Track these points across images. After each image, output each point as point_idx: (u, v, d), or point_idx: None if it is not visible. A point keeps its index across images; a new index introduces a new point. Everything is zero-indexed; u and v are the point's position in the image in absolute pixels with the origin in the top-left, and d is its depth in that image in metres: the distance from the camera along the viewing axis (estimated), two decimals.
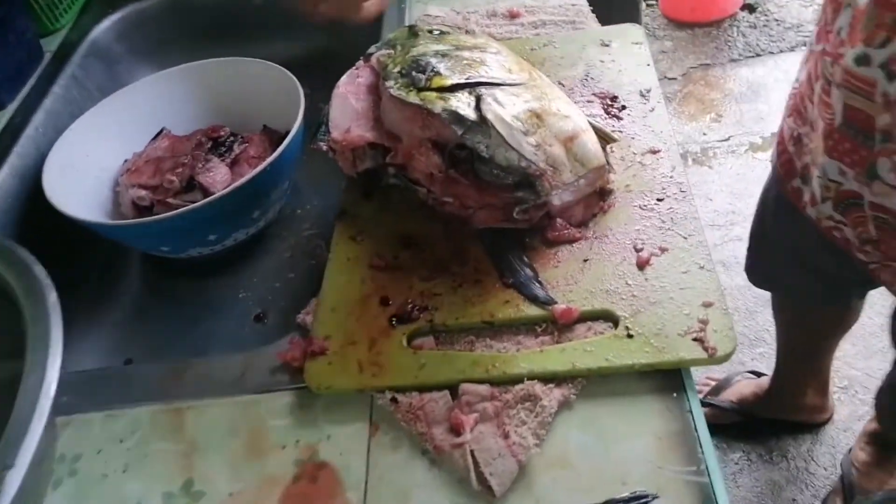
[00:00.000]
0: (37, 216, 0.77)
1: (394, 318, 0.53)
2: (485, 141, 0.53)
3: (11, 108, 0.86)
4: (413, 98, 0.55)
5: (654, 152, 0.60)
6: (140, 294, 0.84)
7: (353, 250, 0.58)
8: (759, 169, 1.98)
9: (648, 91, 0.67)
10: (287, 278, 0.80)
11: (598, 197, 0.58)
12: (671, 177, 0.58)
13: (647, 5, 2.59)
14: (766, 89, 2.18)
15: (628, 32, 0.75)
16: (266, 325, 0.75)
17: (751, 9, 2.47)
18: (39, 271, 0.45)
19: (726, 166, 2.03)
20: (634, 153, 0.61)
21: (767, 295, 1.68)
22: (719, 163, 2.04)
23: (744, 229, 1.88)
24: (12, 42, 0.88)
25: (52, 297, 0.44)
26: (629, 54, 0.71)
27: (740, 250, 1.84)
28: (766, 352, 1.57)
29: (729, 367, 1.55)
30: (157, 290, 0.84)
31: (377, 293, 0.55)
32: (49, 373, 0.39)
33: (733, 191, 1.96)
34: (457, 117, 0.53)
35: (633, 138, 0.62)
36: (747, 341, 1.60)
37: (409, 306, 0.53)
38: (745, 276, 1.25)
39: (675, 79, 2.30)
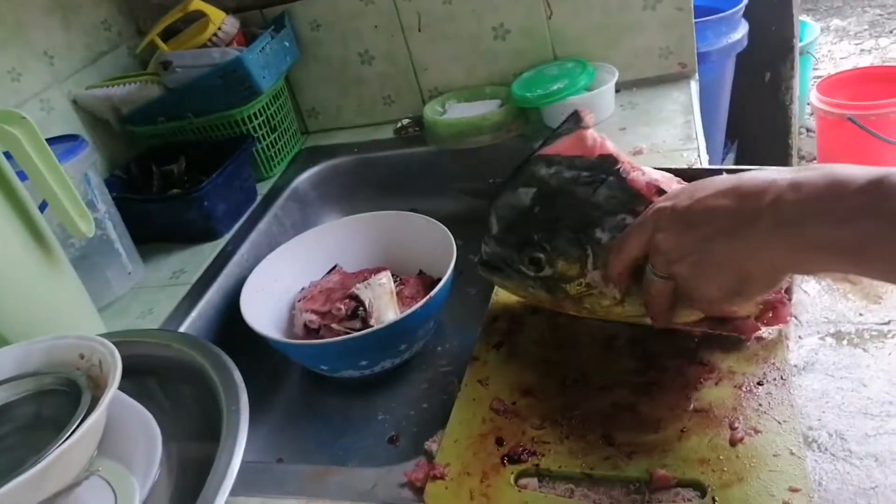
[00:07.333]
0: (231, 326, 0.94)
1: (505, 458, 0.60)
2: None
3: (226, 238, 1.07)
4: None
5: (759, 339, 0.66)
6: (294, 403, 0.98)
7: (479, 392, 0.68)
8: None
9: None
10: (421, 407, 0.90)
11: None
12: (773, 363, 0.63)
13: None
14: None
15: None
16: (398, 447, 0.85)
17: None
18: (237, 376, 0.59)
19: (884, 351, 1.92)
20: (742, 337, 0.67)
21: None
22: (876, 347, 1.94)
23: None
24: (236, 187, 1.10)
25: (244, 398, 0.57)
26: None
27: None
28: None
29: None
30: (309, 402, 0.97)
31: (494, 433, 0.63)
32: (234, 459, 0.51)
33: (892, 378, 1.85)
34: None
35: None
36: None
37: (520, 449, 0.61)
38: None
39: None
